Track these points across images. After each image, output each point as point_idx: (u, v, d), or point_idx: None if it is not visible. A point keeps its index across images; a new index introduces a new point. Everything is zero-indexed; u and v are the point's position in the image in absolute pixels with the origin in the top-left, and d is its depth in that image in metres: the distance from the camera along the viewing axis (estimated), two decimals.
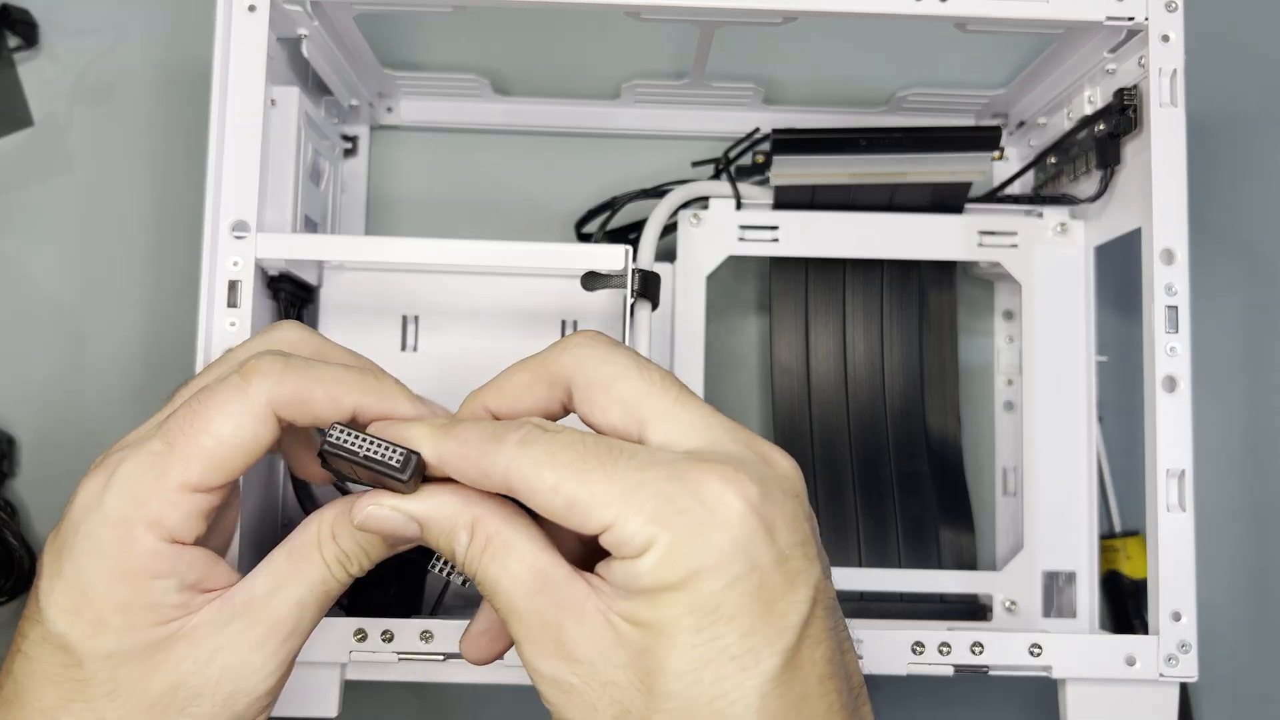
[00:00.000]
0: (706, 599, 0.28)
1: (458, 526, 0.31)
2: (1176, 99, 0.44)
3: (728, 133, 0.57)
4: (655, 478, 0.29)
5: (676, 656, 0.28)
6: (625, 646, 0.29)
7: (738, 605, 0.28)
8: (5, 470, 0.55)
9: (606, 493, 0.29)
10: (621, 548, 0.29)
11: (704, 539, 0.28)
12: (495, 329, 0.49)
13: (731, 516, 0.29)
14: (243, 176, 0.43)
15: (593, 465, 0.29)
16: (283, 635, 0.33)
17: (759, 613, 0.28)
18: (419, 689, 0.55)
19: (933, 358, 0.55)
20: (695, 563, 0.28)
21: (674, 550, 0.28)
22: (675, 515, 0.28)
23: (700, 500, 0.28)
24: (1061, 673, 0.43)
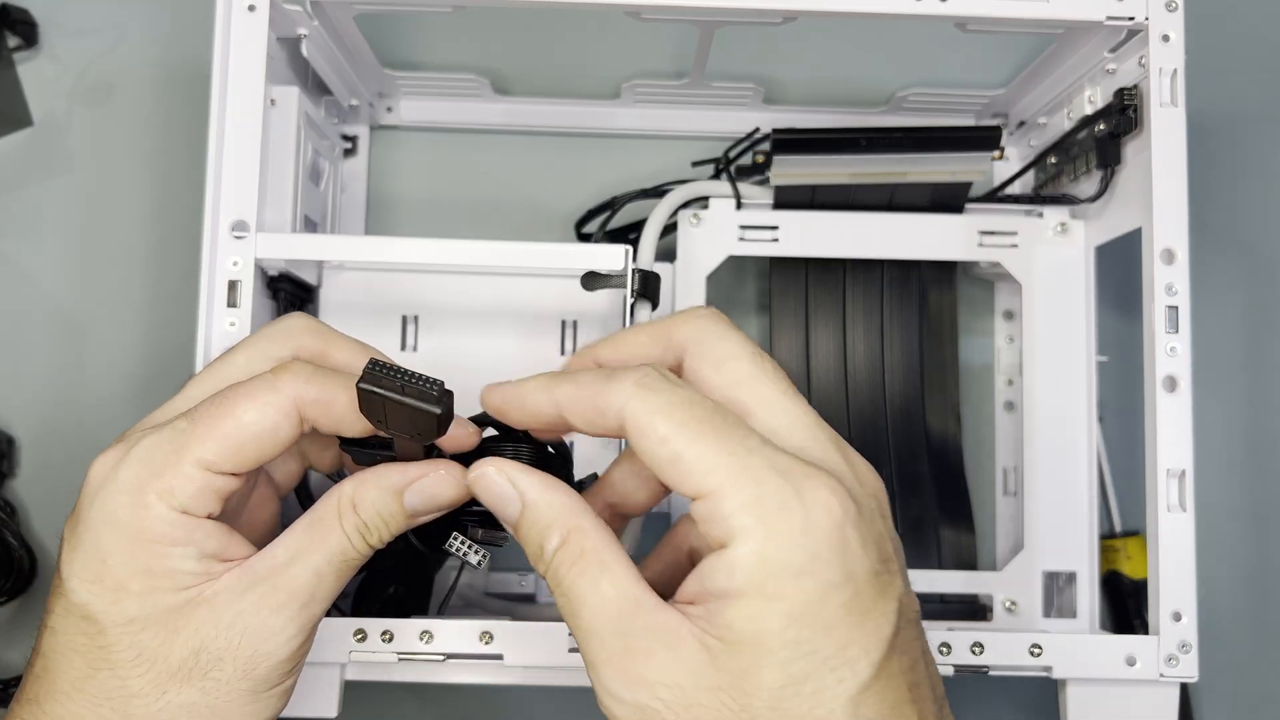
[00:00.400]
0: (805, 607, 0.28)
1: (555, 526, 0.31)
2: (1177, 99, 0.44)
3: (728, 133, 0.57)
4: (762, 464, 0.29)
5: (775, 671, 0.28)
6: (721, 669, 0.28)
7: (835, 615, 0.28)
8: (5, 470, 0.55)
9: (712, 460, 0.29)
10: (711, 523, 0.29)
11: (801, 542, 0.28)
12: (495, 329, 0.49)
13: (831, 524, 0.28)
14: (242, 176, 0.43)
15: (707, 429, 0.29)
16: (302, 601, 0.33)
17: (855, 622, 0.28)
18: (419, 689, 0.55)
19: (933, 358, 0.55)
20: (792, 565, 0.28)
21: (770, 547, 0.28)
22: (775, 509, 0.28)
23: (802, 500, 0.28)
24: (1062, 673, 0.43)
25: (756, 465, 0.29)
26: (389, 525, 0.34)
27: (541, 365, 0.48)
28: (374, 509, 0.34)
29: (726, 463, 0.29)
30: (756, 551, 0.28)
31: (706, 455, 0.29)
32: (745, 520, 0.28)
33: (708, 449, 0.29)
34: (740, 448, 0.29)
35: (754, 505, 0.28)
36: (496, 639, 0.41)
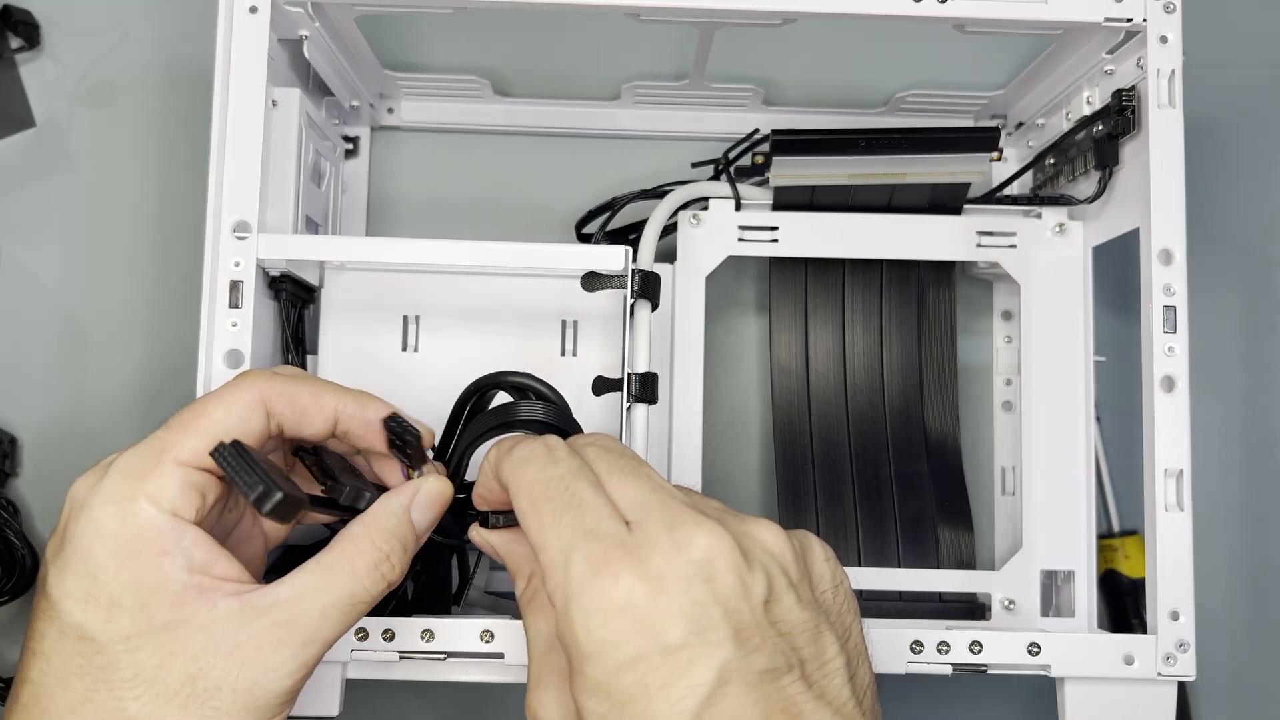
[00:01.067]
0: (601, 681, 0.30)
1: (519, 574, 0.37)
2: (1175, 100, 0.44)
3: (727, 133, 0.57)
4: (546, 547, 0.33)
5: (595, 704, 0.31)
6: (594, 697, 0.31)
7: (628, 693, 0.30)
8: (7, 470, 0.55)
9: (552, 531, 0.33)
10: None
11: (590, 628, 0.31)
12: (496, 329, 0.49)
13: (621, 604, 0.31)
14: (244, 177, 0.43)
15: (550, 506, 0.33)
16: (304, 639, 0.34)
17: (652, 696, 0.30)
18: (420, 688, 0.56)
19: (932, 358, 0.56)
20: (583, 649, 0.31)
21: (566, 630, 0.32)
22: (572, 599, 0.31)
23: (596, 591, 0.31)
24: (1060, 672, 0.43)
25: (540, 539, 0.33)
26: (406, 549, 0.36)
27: (542, 365, 0.49)
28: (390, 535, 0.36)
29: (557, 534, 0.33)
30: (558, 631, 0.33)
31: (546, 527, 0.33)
32: (555, 598, 0.32)
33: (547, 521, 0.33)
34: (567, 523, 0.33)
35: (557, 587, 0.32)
36: (497, 638, 0.41)
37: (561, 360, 0.49)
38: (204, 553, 0.34)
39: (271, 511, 0.32)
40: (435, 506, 0.38)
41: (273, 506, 0.32)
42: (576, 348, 0.50)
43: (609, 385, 0.47)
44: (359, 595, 0.35)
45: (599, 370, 0.49)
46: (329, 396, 0.37)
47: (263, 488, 0.32)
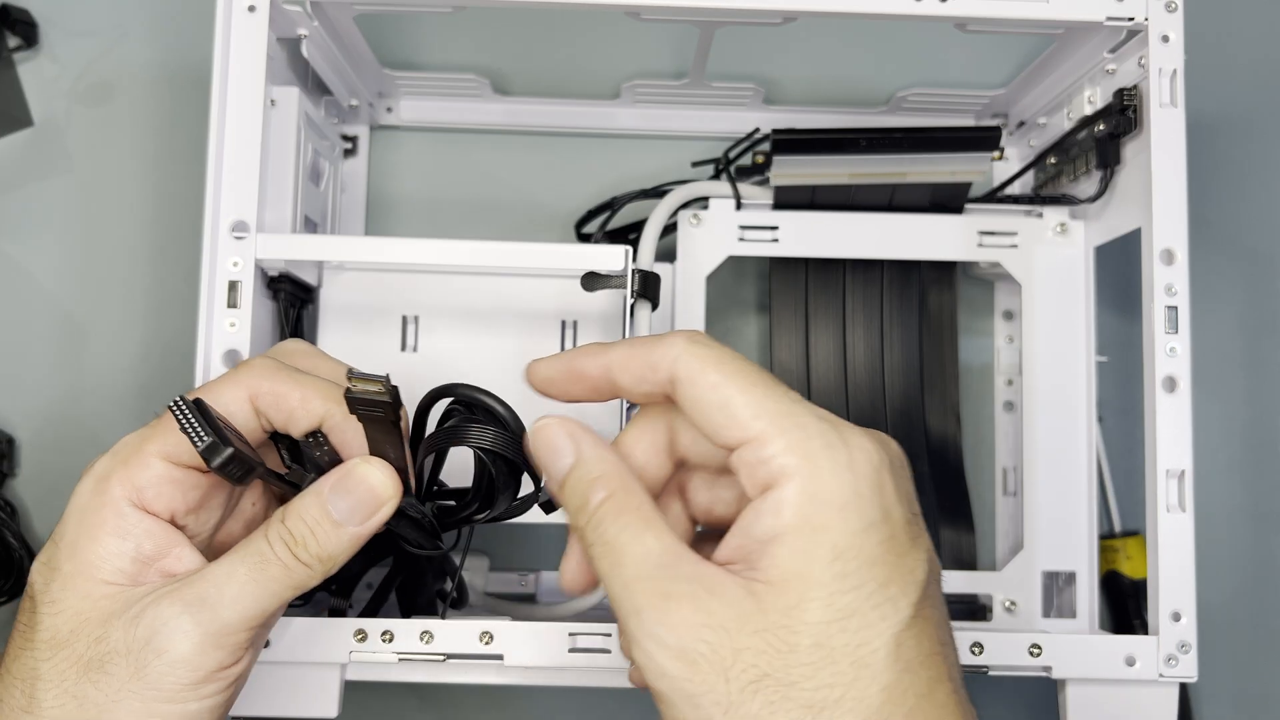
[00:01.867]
0: (850, 540, 0.29)
1: (603, 481, 0.31)
2: (1176, 99, 0.44)
3: (727, 133, 0.57)
4: (806, 412, 0.30)
5: (820, 606, 0.28)
6: (766, 609, 0.28)
7: (876, 551, 0.29)
8: (5, 470, 0.55)
9: (759, 406, 0.30)
10: (756, 467, 0.29)
11: (846, 478, 0.29)
12: (495, 329, 0.49)
13: (872, 466, 0.29)
14: (242, 177, 0.43)
15: (754, 381, 0.30)
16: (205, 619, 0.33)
17: (894, 562, 0.29)
18: (419, 689, 0.56)
19: (933, 358, 0.56)
20: (837, 500, 0.29)
21: (815, 483, 0.29)
22: (820, 449, 0.29)
23: (845, 443, 0.29)
24: (1061, 673, 0.43)
25: (800, 413, 0.30)
26: (315, 535, 0.34)
27: None
28: (299, 518, 0.34)
29: (773, 409, 0.30)
30: (802, 488, 0.29)
31: (754, 402, 0.30)
32: (791, 460, 0.29)
33: (755, 397, 0.30)
34: (785, 399, 0.30)
35: (799, 446, 0.29)
36: (496, 639, 0.41)
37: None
38: (155, 545, 0.34)
39: (220, 467, 0.32)
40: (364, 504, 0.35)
41: (221, 461, 0.32)
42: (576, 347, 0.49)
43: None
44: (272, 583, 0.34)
45: None
46: (319, 402, 0.36)
47: (212, 439, 0.32)
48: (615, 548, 0.30)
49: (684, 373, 0.31)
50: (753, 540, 0.29)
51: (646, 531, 0.30)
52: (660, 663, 0.29)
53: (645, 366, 0.32)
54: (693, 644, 0.28)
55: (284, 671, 0.41)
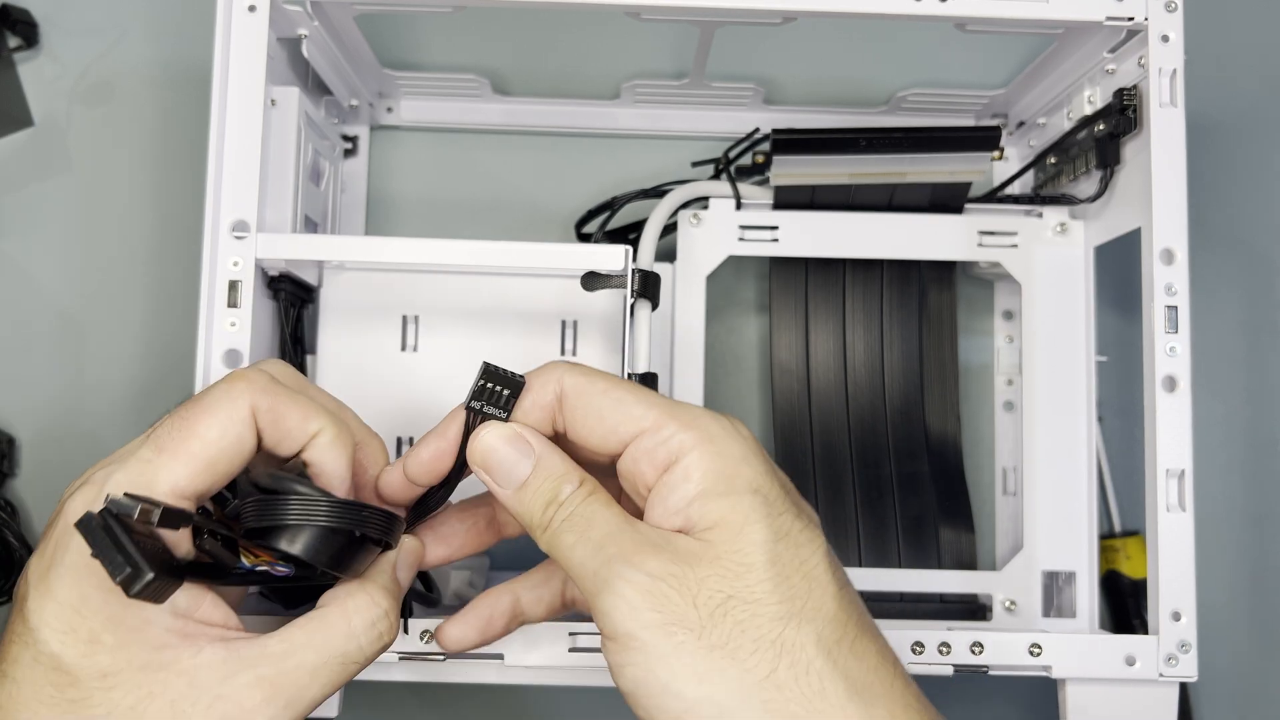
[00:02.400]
0: (760, 480, 0.32)
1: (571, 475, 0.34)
2: (1176, 99, 0.44)
3: (727, 133, 0.57)
4: (686, 404, 0.34)
5: (762, 529, 0.32)
6: (717, 545, 0.31)
7: (780, 490, 0.33)
8: (5, 470, 0.55)
9: (648, 402, 0.34)
10: (655, 450, 0.33)
11: (738, 439, 0.33)
12: (495, 329, 0.49)
13: (753, 435, 0.34)
14: (243, 176, 0.43)
15: (636, 386, 0.34)
16: (288, 698, 0.32)
17: (796, 500, 0.34)
18: (419, 689, 0.55)
19: (932, 358, 0.56)
20: (736, 455, 0.33)
21: (713, 447, 0.32)
22: (709, 422, 0.33)
23: (717, 420, 0.34)
24: (1061, 673, 0.43)
25: (683, 404, 0.34)
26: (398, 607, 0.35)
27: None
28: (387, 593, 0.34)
29: (659, 402, 0.34)
30: (704, 451, 0.32)
31: (642, 399, 0.34)
32: (687, 435, 0.33)
33: (641, 396, 0.34)
34: (666, 399, 0.34)
35: (691, 424, 0.33)
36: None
37: (561, 359, 0.49)
38: (189, 596, 0.32)
39: (140, 594, 0.29)
40: (415, 566, 0.37)
41: (141, 588, 0.29)
42: (576, 348, 0.50)
43: None
44: (352, 655, 0.33)
45: None
46: (314, 423, 0.35)
47: (128, 570, 0.29)
48: (584, 517, 0.33)
49: (572, 386, 0.34)
50: (672, 511, 0.32)
51: (610, 504, 0.34)
52: (633, 600, 0.31)
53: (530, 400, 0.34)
54: (662, 578, 0.31)
55: None
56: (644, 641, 0.30)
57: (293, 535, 0.33)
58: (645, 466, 0.33)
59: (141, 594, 0.29)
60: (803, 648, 0.30)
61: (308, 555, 0.33)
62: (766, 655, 0.30)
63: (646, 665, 0.30)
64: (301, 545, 0.33)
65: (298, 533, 0.33)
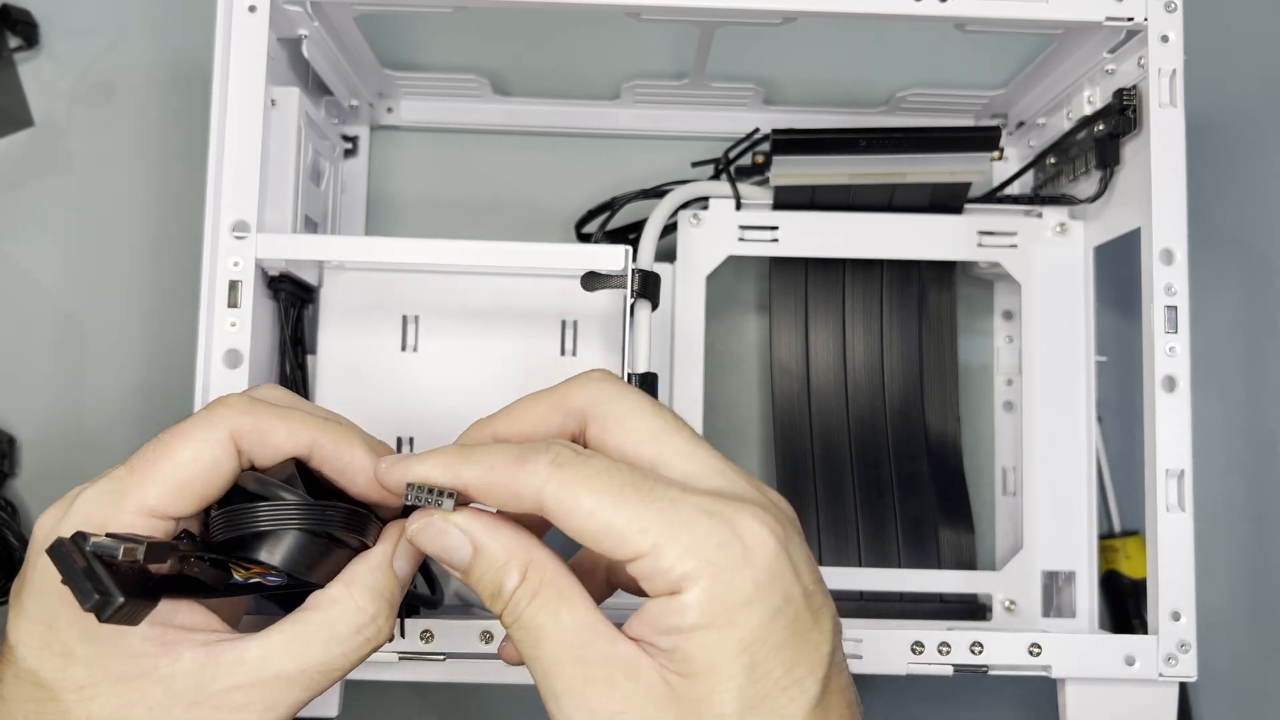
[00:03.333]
0: (756, 633, 0.29)
1: (512, 565, 0.31)
2: (1176, 99, 0.44)
3: (727, 133, 0.57)
4: (691, 511, 0.29)
5: (732, 697, 0.29)
6: (681, 700, 0.29)
7: (781, 637, 0.29)
8: (6, 470, 0.55)
9: (642, 520, 0.29)
10: (655, 578, 0.29)
11: (745, 573, 0.29)
12: (495, 329, 0.49)
13: (768, 553, 0.29)
14: (243, 177, 0.43)
15: (629, 493, 0.29)
16: (266, 705, 0.31)
17: (798, 643, 0.29)
18: (419, 689, 0.56)
19: (932, 358, 0.56)
20: (740, 596, 0.29)
21: (718, 584, 0.29)
22: (715, 550, 0.29)
23: (737, 536, 0.29)
24: (1061, 672, 0.43)
25: (686, 513, 0.29)
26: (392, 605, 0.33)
27: (542, 365, 0.49)
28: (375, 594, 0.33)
29: (656, 518, 0.29)
30: (705, 589, 0.29)
31: (635, 517, 0.29)
32: (689, 565, 0.29)
33: (634, 510, 0.29)
34: (665, 501, 0.30)
35: (694, 550, 0.29)
36: (497, 638, 0.41)
37: (561, 360, 0.49)
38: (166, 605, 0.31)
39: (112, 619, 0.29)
40: (416, 557, 0.34)
41: (111, 614, 0.28)
42: (576, 348, 0.50)
43: None
44: (334, 662, 0.32)
45: None
46: (305, 433, 0.34)
47: (98, 597, 0.28)
48: (532, 630, 0.30)
49: (554, 506, 0.30)
50: (659, 630, 0.29)
51: (562, 608, 0.30)
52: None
53: (508, 494, 0.31)
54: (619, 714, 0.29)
55: None
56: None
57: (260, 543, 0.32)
58: (647, 586, 0.30)
59: (113, 619, 0.29)
60: None
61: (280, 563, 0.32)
62: None
63: None
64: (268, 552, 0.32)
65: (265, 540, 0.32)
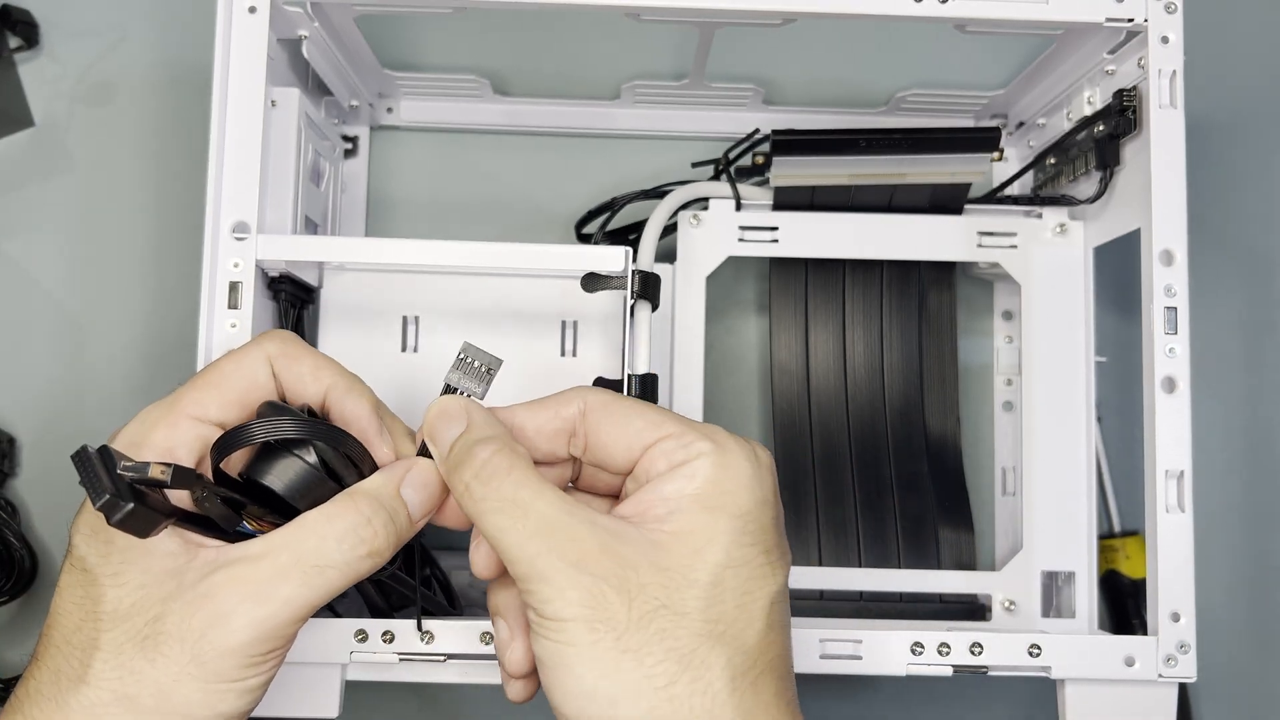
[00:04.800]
0: (750, 508, 0.33)
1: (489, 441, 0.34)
2: (1176, 100, 0.44)
3: (727, 133, 0.57)
4: (711, 425, 0.35)
5: (721, 552, 0.32)
6: (670, 551, 0.32)
7: (766, 522, 0.33)
8: (5, 470, 0.55)
9: (669, 415, 0.35)
10: (673, 452, 0.34)
11: (749, 461, 0.34)
12: (495, 330, 0.49)
13: (768, 459, 0.35)
14: (243, 177, 0.43)
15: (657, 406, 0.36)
16: (257, 594, 0.33)
17: (776, 538, 0.34)
18: (419, 689, 0.56)
19: (932, 358, 0.56)
20: (743, 474, 0.33)
21: (725, 457, 0.33)
22: (728, 439, 0.34)
23: (739, 441, 0.34)
24: (1060, 673, 0.43)
25: (707, 425, 0.35)
26: (394, 521, 0.35)
27: (542, 366, 0.48)
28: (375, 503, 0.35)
29: (680, 418, 0.35)
30: (714, 462, 0.33)
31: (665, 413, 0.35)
32: (705, 444, 0.33)
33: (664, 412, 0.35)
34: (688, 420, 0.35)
35: (711, 435, 0.34)
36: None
37: (561, 361, 0.49)
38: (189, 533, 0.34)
39: (120, 523, 0.30)
40: (429, 489, 0.36)
41: (121, 518, 0.30)
42: (576, 348, 0.50)
43: (609, 386, 0.46)
44: (328, 559, 0.33)
45: (599, 371, 0.48)
46: (326, 374, 0.37)
47: (108, 496, 0.30)
48: (517, 502, 0.33)
49: (597, 400, 0.35)
50: (660, 498, 0.33)
51: (544, 487, 0.33)
52: (568, 595, 0.31)
53: (550, 411, 0.36)
54: (603, 576, 0.31)
55: (285, 672, 0.41)
56: (566, 629, 0.31)
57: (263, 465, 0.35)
58: (660, 463, 0.34)
59: (123, 524, 0.30)
60: (709, 667, 0.31)
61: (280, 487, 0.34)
62: (672, 667, 0.31)
63: (560, 646, 0.31)
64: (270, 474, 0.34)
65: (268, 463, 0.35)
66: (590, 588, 0.31)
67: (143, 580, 0.33)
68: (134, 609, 0.33)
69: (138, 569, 0.33)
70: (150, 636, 0.33)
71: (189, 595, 0.33)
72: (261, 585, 0.33)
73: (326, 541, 0.33)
